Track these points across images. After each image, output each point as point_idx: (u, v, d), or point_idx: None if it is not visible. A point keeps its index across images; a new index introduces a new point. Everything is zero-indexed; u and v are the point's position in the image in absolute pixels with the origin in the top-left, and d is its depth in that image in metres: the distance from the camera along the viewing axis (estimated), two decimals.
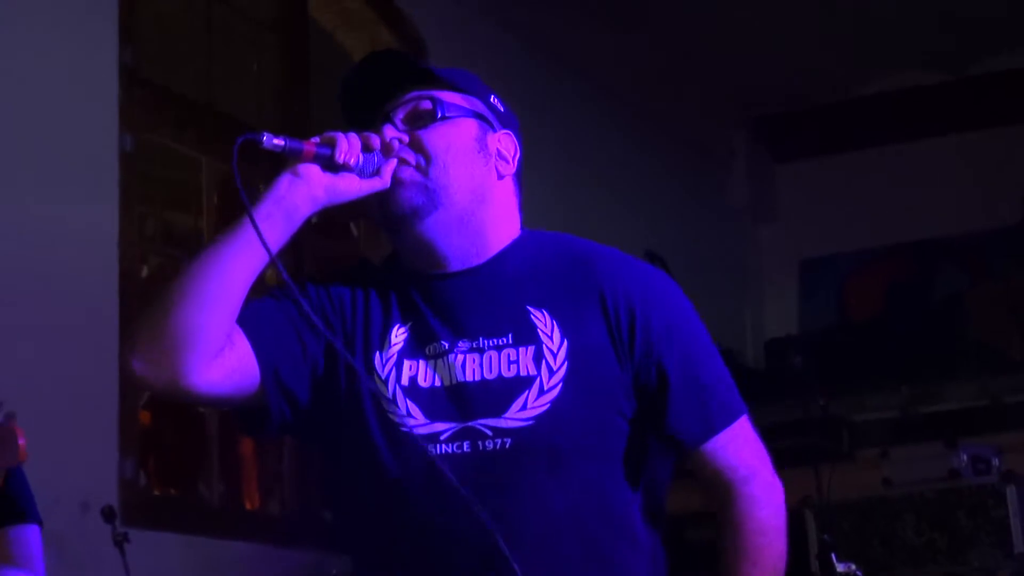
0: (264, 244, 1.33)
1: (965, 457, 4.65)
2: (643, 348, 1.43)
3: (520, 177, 1.57)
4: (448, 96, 1.46)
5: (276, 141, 1.34)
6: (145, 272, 4.19)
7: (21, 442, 1.57)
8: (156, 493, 4.23)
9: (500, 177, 1.49)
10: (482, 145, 1.47)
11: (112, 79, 3.88)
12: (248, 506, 4.60)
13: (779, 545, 1.49)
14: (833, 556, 3.63)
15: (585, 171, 6.12)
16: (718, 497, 1.51)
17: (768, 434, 1.66)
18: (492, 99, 1.55)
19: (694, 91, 6.90)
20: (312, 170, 1.35)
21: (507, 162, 1.50)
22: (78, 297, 3.74)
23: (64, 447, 3.22)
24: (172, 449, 4.35)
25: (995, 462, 4.68)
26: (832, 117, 7.10)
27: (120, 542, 3.25)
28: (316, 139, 1.40)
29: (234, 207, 3.75)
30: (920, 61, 6.98)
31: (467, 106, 1.48)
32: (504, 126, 1.52)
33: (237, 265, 1.36)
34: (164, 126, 4.24)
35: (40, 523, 2.27)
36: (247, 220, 1.36)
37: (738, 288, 7.24)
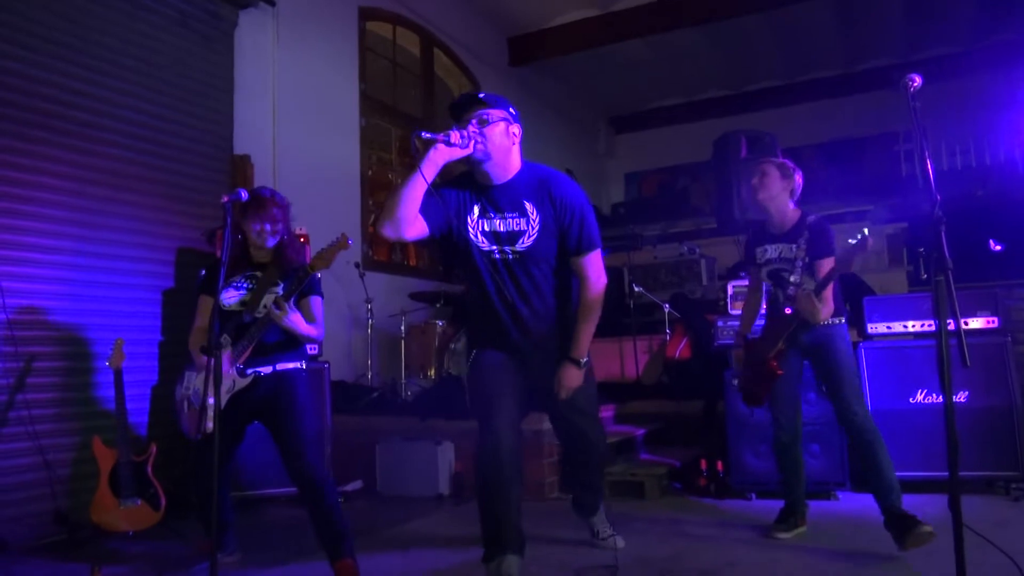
0: (425, 179, 2.37)
1: (686, 247, 8.12)
2: (565, 219, 2.60)
3: (522, 142, 2.58)
4: (493, 112, 2.52)
5: (426, 135, 2.25)
6: (369, 174, 6.89)
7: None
8: (375, 258, 6.89)
9: (513, 143, 2.54)
10: (507, 131, 2.56)
11: (355, 94, 6.74)
12: (411, 263, 7.53)
13: (600, 305, 2.71)
14: (633, 284, 6.79)
15: (538, 147, 7.69)
16: (581, 281, 2.72)
17: (611, 240, 5.08)
18: (510, 109, 2.52)
19: (588, 108, 10.73)
20: (442, 147, 2.37)
21: (516, 136, 2.56)
22: (345, 179, 6.45)
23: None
24: (381, 242, 6.94)
25: (696, 249, 8.12)
26: (643, 118, 11.27)
27: (362, 276, 5.79)
28: (443, 134, 2.32)
29: (407, 154, 7.62)
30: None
31: (500, 114, 2.53)
32: (516, 120, 2.56)
33: (417, 189, 2.38)
34: (376, 115, 7.12)
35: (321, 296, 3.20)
36: (419, 169, 2.38)
37: (602, 183, 11.52)
